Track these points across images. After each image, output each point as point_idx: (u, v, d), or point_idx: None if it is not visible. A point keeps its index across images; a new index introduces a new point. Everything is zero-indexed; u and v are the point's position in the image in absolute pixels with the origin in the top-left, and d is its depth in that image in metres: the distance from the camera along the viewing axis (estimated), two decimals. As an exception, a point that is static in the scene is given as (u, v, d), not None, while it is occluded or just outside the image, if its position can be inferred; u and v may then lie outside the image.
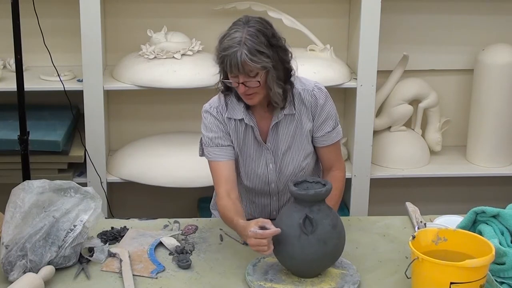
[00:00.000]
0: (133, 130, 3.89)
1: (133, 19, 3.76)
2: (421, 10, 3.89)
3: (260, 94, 2.41)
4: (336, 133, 2.60)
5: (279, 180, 2.60)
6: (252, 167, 2.58)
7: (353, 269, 2.30)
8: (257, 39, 2.31)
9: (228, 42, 2.32)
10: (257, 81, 2.36)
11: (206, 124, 2.53)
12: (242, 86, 2.37)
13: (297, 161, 2.58)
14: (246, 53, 2.29)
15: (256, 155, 2.57)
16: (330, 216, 2.23)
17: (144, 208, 3.87)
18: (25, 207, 2.27)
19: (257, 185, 2.61)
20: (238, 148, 2.56)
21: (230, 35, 2.33)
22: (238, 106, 2.51)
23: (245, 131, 2.54)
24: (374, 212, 3.73)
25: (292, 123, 2.54)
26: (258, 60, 2.31)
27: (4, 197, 2.35)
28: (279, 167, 2.58)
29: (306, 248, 2.19)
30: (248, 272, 2.29)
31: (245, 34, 2.31)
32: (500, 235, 2.25)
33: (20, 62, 3.02)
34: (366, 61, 3.59)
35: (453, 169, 3.92)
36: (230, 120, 2.52)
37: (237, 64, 2.30)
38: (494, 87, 3.78)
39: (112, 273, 2.31)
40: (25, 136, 3.06)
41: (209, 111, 2.53)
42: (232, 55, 2.30)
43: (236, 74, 2.35)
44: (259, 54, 2.31)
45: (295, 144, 2.56)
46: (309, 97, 2.52)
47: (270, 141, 2.55)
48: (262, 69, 2.34)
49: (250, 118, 2.52)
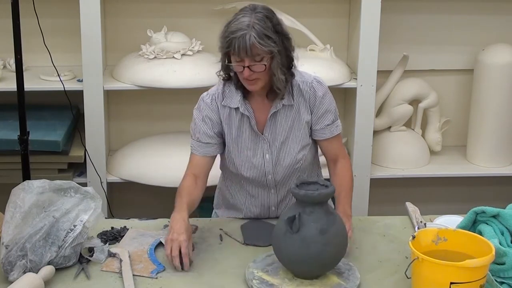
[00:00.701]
0: (133, 130, 3.89)
1: (133, 19, 3.76)
2: (421, 10, 3.89)
3: (262, 80, 2.44)
4: (336, 126, 2.61)
5: (275, 171, 2.60)
6: (249, 157, 2.58)
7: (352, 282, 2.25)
8: (265, 24, 2.36)
9: (237, 25, 2.35)
10: (263, 64, 2.39)
11: (197, 112, 2.58)
12: (247, 70, 2.39)
13: (294, 152, 2.59)
14: (255, 36, 2.33)
15: (252, 145, 2.58)
16: (322, 221, 2.20)
17: (144, 208, 3.86)
18: (25, 207, 2.27)
19: (254, 175, 2.61)
20: (232, 137, 2.57)
21: (238, 19, 2.37)
22: (236, 95, 2.53)
23: (241, 120, 2.55)
24: (374, 212, 3.73)
25: (290, 114, 2.55)
26: (265, 44, 2.35)
27: (4, 197, 2.35)
28: (275, 157, 2.59)
29: (289, 245, 2.20)
30: (255, 260, 2.32)
31: (254, 19, 2.35)
32: (500, 235, 2.25)
33: (20, 62, 3.02)
34: (366, 61, 3.59)
35: (453, 169, 3.92)
36: (225, 108, 2.55)
37: (246, 47, 2.34)
38: (494, 87, 3.78)
39: (112, 273, 2.31)
40: (25, 136, 3.06)
41: (204, 98, 2.58)
42: (241, 37, 2.33)
43: (242, 58, 2.38)
44: (267, 38, 2.36)
45: (293, 135, 2.57)
46: (308, 89, 2.55)
47: (268, 131, 2.56)
48: (268, 53, 2.38)
49: (246, 108, 2.53)
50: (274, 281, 2.24)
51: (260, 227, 2.60)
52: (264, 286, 2.21)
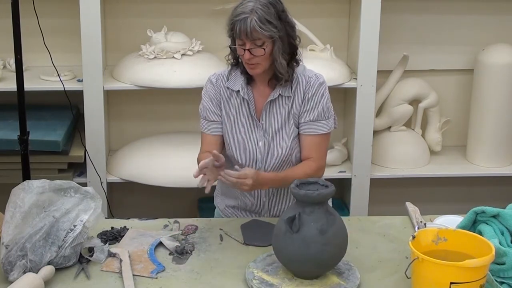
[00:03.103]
0: (133, 130, 3.89)
1: (133, 19, 3.76)
2: (421, 10, 3.89)
3: (262, 65, 2.50)
4: (320, 125, 2.60)
5: (266, 159, 2.63)
6: (243, 140, 2.62)
7: (352, 282, 2.25)
8: (268, 10, 2.45)
9: (241, 9, 2.46)
10: (263, 48, 2.45)
11: (204, 91, 2.68)
12: (248, 53, 2.46)
13: (286, 143, 2.61)
14: (256, 20, 2.42)
15: (248, 130, 2.62)
16: (321, 221, 2.20)
17: (144, 208, 3.87)
18: (25, 207, 2.27)
19: (245, 160, 2.63)
20: (230, 119, 2.63)
21: (244, 4, 2.47)
22: (240, 79, 2.60)
23: (241, 104, 2.62)
24: (374, 212, 3.74)
25: (287, 105, 2.60)
26: (266, 29, 2.43)
27: (4, 197, 2.35)
28: (268, 146, 2.62)
29: (289, 245, 2.20)
30: (255, 260, 2.33)
31: (257, 4, 2.45)
32: (500, 235, 2.25)
33: (20, 62, 3.02)
34: (366, 61, 3.59)
35: (453, 169, 3.92)
36: (227, 89, 2.63)
37: (246, 30, 2.43)
38: (494, 87, 3.78)
39: (112, 273, 2.31)
40: (25, 136, 3.06)
41: (211, 78, 2.68)
42: (242, 21, 2.43)
43: (243, 41, 2.46)
44: (268, 23, 2.44)
45: (287, 126, 2.61)
46: (305, 82, 2.60)
47: (264, 119, 2.61)
48: (269, 37, 2.45)
49: (246, 92, 2.60)
50: (274, 281, 2.24)
51: (260, 227, 2.60)
52: (264, 286, 2.21)
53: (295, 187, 2.24)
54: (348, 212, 3.80)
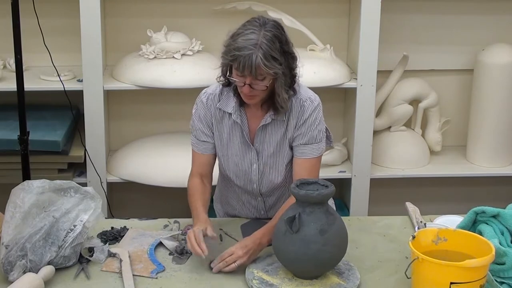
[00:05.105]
0: (133, 130, 3.89)
1: (133, 19, 3.76)
2: (421, 10, 3.89)
3: (260, 96, 2.40)
4: (311, 149, 2.51)
5: (261, 181, 2.59)
6: (237, 162, 2.57)
7: (352, 282, 2.25)
8: (273, 45, 2.29)
9: (244, 42, 2.28)
10: (265, 85, 2.35)
11: (194, 109, 2.57)
12: (248, 87, 2.34)
13: (281, 167, 2.55)
14: (261, 57, 2.27)
15: (242, 152, 2.55)
16: (322, 221, 2.20)
17: (144, 208, 3.87)
18: (25, 207, 2.27)
19: (241, 181, 2.60)
20: (223, 141, 2.55)
21: (246, 35, 2.30)
22: (232, 100, 2.49)
23: (233, 126, 2.53)
24: (374, 212, 3.74)
25: (281, 129, 2.51)
26: (271, 66, 2.29)
27: (4, 197, 2.35)
28: (262, 169, 2.56)
29: (289, 245, 2.20)
30: (255, 260, 2.33)
31: (262, 38, 2.28)
32: (500, 235, 2.25)
33: (20, 62, 3.02)
34: (366, 61, 3.59)
35: (453, 169, 3.92)
36: (219, 110, 2.52)
37: (251, 67, 2.28)
38: (494, 87, 3.78)
39: (112, 273, 2.31)
40: (25, 136, 3.06)
41: (201, 97, 2.55)
42: (247, 56, 2.27)
43: (245, 75, 2.32)
44: (273, 60, 2.29)
45: (281, 150, 2.53)
46: (298, 106, 2.48)
47: (258, 142, 2.53)
48: (273, 75, 2.32)
49: (239, 115, 2.49)
50: (274, 281, 2.24)
51: (260, 227, 2.60)
52: (264, 286, 2.21)
53: (295, 187, 2.24)
54: (348, 212, 3.80)
